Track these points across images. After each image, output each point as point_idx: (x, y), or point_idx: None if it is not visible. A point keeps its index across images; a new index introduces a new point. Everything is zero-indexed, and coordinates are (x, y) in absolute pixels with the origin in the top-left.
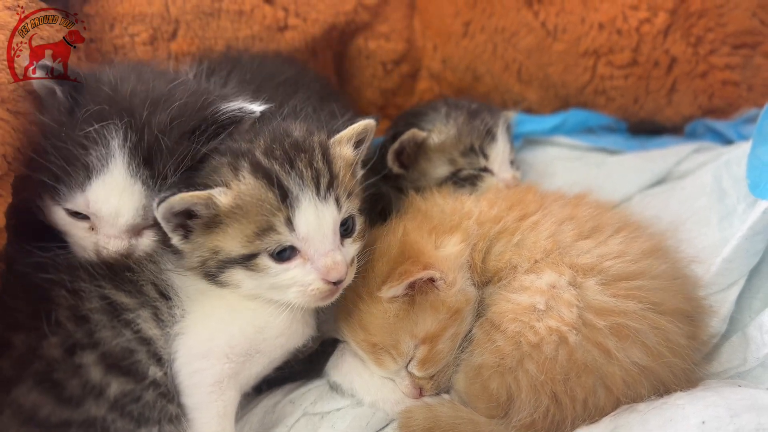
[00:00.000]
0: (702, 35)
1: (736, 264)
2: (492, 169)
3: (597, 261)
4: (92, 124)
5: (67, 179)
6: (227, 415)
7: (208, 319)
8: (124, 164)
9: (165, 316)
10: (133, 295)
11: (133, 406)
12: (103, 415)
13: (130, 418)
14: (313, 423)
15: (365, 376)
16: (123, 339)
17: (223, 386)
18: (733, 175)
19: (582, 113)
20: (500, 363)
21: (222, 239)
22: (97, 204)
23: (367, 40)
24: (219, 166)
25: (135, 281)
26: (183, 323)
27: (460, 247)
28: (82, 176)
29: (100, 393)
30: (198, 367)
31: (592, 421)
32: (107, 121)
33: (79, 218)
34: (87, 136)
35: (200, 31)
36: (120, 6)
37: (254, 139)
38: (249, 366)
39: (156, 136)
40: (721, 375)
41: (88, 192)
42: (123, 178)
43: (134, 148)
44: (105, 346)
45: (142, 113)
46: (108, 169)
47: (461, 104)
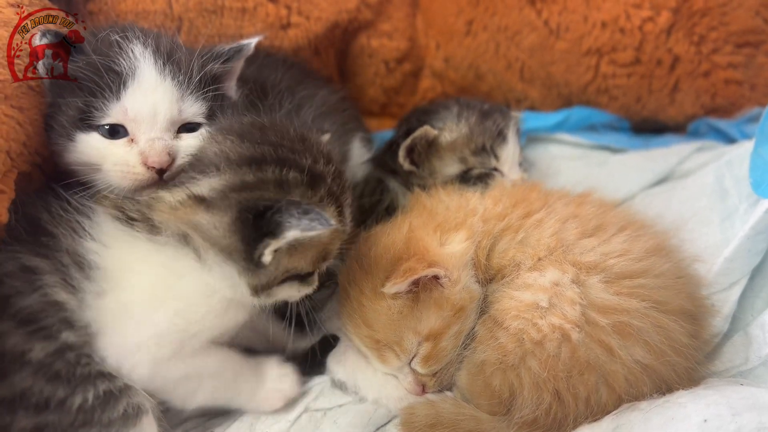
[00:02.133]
0: (705, 34)
1: (738, 263)
2: (502, 170)
3: (600, 259)
4: (113, 36)
5: (101, 94)
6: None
7: (131, 308)
8: (152, 63)
9: (76, 283)
10: (47, 259)
11: (60, 365)
12: (30, 385)
13: (55, 378)
14: (315, 419)
15: (368, 373)
16: (32, 300)
17: (169, 363)
18: (735, 174)
19: (585, 110)
20: (503, 360)
21: (298, 261)
22: (136, 106)
23: (370, 39)
24: (293, 183)
25: (51, 246)
26: (102, 312)
27: (465, 244)
28: (116, 85)
29: (22, 357)
30: (133, 362)
31: (594, 419)
32: (126, 32)
33: (116, 136)
34: (111, 48)
35: (203, 29)
36: (123, 3)
37: (308, 152)
38: (189, 344)
39: (171, 41)
40: (722, 374)
41: (124, 99)
42: (154, 77)
43: (156, 50)
44: (19, 311)
45: (153, 31)
46: (140, 71)
47: (473, 104)
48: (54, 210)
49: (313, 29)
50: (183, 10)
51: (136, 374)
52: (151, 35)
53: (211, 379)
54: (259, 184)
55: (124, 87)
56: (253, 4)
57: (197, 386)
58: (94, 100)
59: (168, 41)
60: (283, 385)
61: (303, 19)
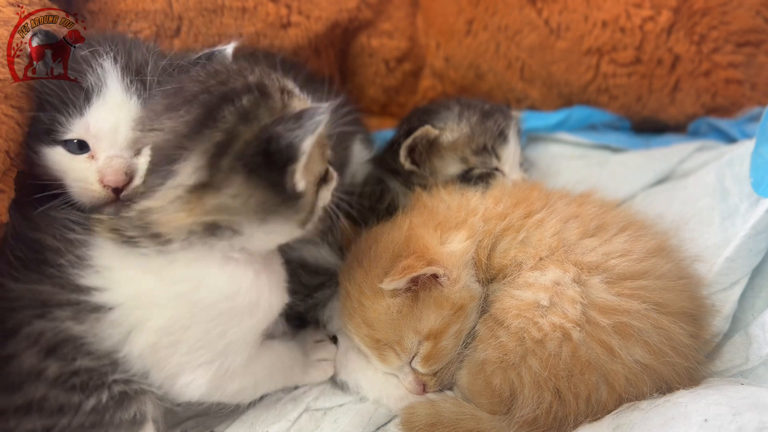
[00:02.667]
0: (705, 33)
1: (739, 263)
2: (503, 170)
3: (602, 259)
4: (81, 51)
5: (65, 110)
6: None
7: (165, 337)
8: (119, 80)
9: (89, 322)
10: (57, 291)
11: (74, 379)
12: (44, 393)
13: (71, 389)
14: (315, 418)
15: (369, 373)
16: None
17: (223, 379)
18: (735, 174)
19: (585, 110)
20: (503, 359)
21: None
22: (98, 122)
23: (370, 38)
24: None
25: (59, 279)
26: (136, 347)
27: (466, 243)
28: (80, 101)
29: (38, 374)
30: (187, 388)
31: (595, 418)
32: (97, 47)
33: (78, 151)
34: (79, 63)
35: (203, 28)
36: (123, 3)
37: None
38: (231, 356)
39: (142, 58)
40: (723, 374)
41: (87, 114)
42: (120, 95)
43: (125, 67)
44: (33, 334)
45: (125, 40)
46: (105, 88)
47: (474, 104)
48: (59, 236)
49: (314, 29)
50: (183, 10)
51: (190, 395)
52: (124, 49)
53: (265, 377)
54: (231, 133)
55: (88, 103)
56: (254, 3)
57: (254, 390)
58: (58, 115)
59: (142, 54)
60: (326, 354)
61: (303, 19)
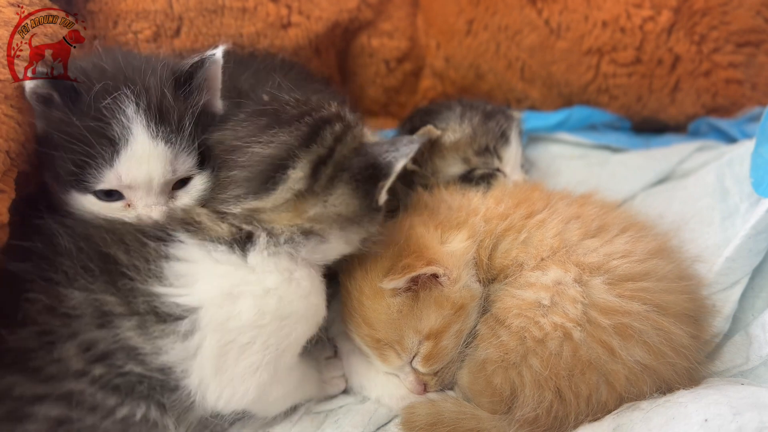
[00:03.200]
0: (705, 33)
1: (739, 263)
2: (504, 170)
3: (603, 260)
4: (104, 99)
5: (93, 161)
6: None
7: (232, 344)
8: (144, 127)
9: (153, 332)
10: (123, 303)
11: (118, 380)
12: (82, 388)
13: (111, 390)
14: (318, 420)
15: (371, 374)
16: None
17: (271, 386)
18: (735, 174)
19: (585, 110)
20: (504, 358)
21: None
22: (130, 173)
23: (370, 38)
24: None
25: (128, 291)
26: (199, 356)
27: (467, 243)
28: (108, 152)
29: (82, 374)
30: (237, 395)
31: (595, 418)
32: (117, 92)
33: (112, 199)
34: (102, 113)
35: (204, 28)
36: (123, 3)
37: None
38: (284, 360)
39: (160, 94)
40: (723, 374)
41: (117, 165)
42: (148, 142)
43: (147, 110)
44: (86, 342)
45: (141, 79)
46: (132, 137)
47: (476, 105)
48: (133, 251)
49: (314, 29)
50: (183, 10)
51: (242, 402)
52: (143, 87)
53: (296, 388)
54: (331, 150)
55: (116, 154)
56: (254, 3)
57: (284, 400)
58: (87, 166)
59: (158, 87)
60: (338, 371)
61: (303, 19)
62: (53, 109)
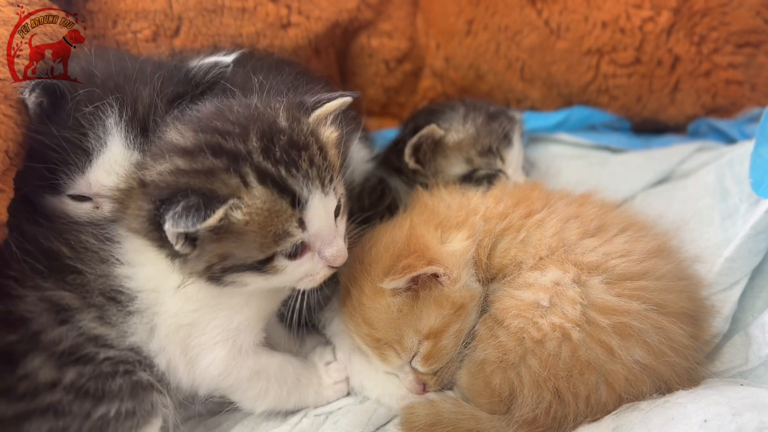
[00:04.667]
0: (705, 34)
1: (739, 263)
2: (506, 172)
3: (602, 259)
4: (85, 107)
5: (66, 168)
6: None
7: (190, 320)
8: (121, 139)
9: (114, 319)
10: (78, 296)
11: (90, 383)
12: (59, 399)
13: (86, 395)
14: (317, 423)
15: (371, 373)
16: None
17: (237, 360)
18: (735, 174)
19: (585, 110)
20: (503, 358)
21: (233, 247)
22: (98, 182)
23: (370, 38)
24: (217, 170)
25: (79, 284)
26: (161, 334)
27: (466, 243)
28: (81, 160)
29: (53, 385)
30: (205, 366)
31: (594, 418)
32: (100, 102)
33: (83, 200)
34: (81, 121)
35: (203, 28)
36: (123, 2)
37: (243, 134)
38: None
39: (149, 105)
40: (723, 374)
41: (88, 174)
42: (121, 154)
43: (130, 122)
44: (51, 342)
45: (131, 88)
46: (106, 148)
47: (479, 105)
48: (75, 245)
49: (314, 29)
50: (183, 10)
51: (209, 376)
52: (130, 100)
53: (277, 379)
54: (190, 173)
55: (89, 162)
56: (253, 3)
57: (267, 385)
58: (59, 173)
59: (148, 98)
60: (339, 376)
61: (303, 19)
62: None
